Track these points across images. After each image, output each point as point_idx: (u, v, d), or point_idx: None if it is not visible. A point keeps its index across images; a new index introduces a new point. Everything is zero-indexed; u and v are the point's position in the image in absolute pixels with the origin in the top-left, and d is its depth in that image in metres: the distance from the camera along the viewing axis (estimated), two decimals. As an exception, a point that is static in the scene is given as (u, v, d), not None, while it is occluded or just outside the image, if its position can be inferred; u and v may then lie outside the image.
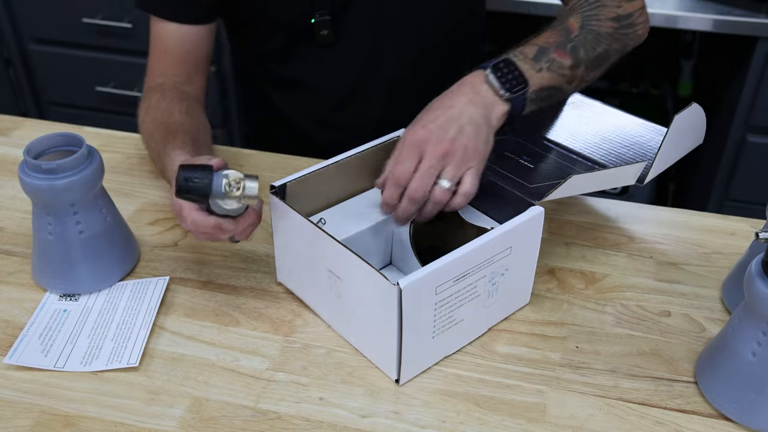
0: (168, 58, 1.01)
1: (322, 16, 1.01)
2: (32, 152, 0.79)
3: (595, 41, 0.87)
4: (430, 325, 0.72)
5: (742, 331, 0.69)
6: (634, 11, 0.92)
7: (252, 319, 0.81)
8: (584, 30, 0.87)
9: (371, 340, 0.75)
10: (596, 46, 0.87)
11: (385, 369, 0.75)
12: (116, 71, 1.96)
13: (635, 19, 0.91)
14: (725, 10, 1.55)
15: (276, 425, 0.70)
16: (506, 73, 0.80)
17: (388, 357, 0.73)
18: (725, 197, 1.74)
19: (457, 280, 0.71)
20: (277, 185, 0.79)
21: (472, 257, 0.72)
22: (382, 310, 0.69)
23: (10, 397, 0.73)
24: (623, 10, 0.91)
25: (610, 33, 0.89)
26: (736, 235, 0.94)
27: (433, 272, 0.69)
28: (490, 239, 0.72)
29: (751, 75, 1.56)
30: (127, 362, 0.75)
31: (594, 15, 0.88)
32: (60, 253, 0.81)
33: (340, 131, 1.10)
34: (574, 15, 0.89)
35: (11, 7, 1.93)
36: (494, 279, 0.76)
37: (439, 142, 0.76)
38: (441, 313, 0.72)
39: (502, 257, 0.75)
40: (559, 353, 0.78)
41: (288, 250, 0.81)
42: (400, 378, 0.74)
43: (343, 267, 0.73)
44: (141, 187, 1.01)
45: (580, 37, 0.86)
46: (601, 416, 0.72)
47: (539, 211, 0.77)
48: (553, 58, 0.84)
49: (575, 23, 0.87)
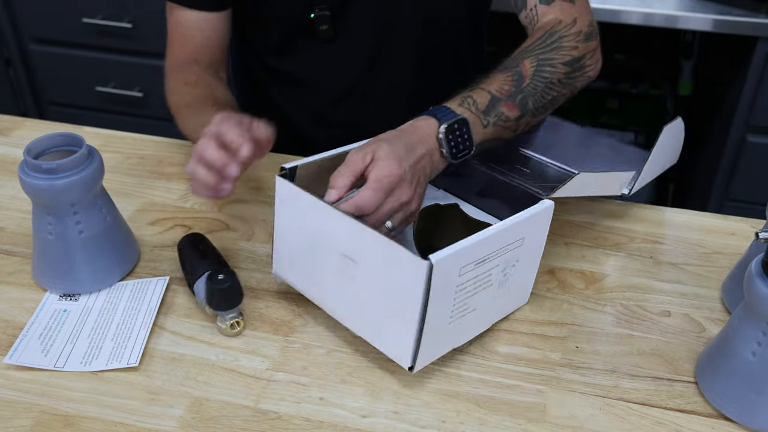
0: (189, 45, 1.03)
1: (322, 11, 1.01)
2: (32, 152, 0.79)
3: (546, 89, 0.86)
4: (449, 309, 0.72)
5: (742, 331, 0.69)
6: (587, 53, 0.90)
7: (252, 319, 0.81)
8: (536, 77, 0.85)
9: (386, 327, 0.73)
10: (545, 95, 0.86)
11: (399, 357, 0.73)
12: (116, 71, 1.96)
13: (585, 61, 0.90)
14: (725, 10, 1.55)
15: (276, 425, 0.70)
16: (458, 136, 0.79)
17: (404, 343, 0.71)
18: (725, 197, 1.74)
19: (478, 264, 0.71)
20: (288, 167, 0.78)
21: (494, 241, 0.72)
22: (407, 289, 0.68)
23: (10, 397, 0.73)
24: (578, 52, 0.89)
25: (561, 79, 0.87)
26: (736, 235, 0.94)
27: (461, 250, 0.68)
28: (508, 225, 0.73)
29: (751, 75, 1.56)
30: (127, 362, 0.75)
31: (548, 59, 0.87)
32: (60, 253, 0.81)
33: (338, 129, 1.10)
34: (529, 56, 0.87)
35: (11, 7, 1.93)
36: (506, 269, 0.76)
37: (408, 187, 0.75)
38: (459, 297, 0.72)
39: (515, 247, 0.75)
40: (559, 353, 0.78)
41: (290, 237, 0.79)
42: (415, 365, 0.72)
43: (359, 248, 0.72)
44: (141, 187, 1.01)
45: (531, 85, 0.85)
46: (601, 416, 0.72)
47: (549, 204, 0.77)
48: (502, 112, 0.82)
49: (529, 68, 0.85)
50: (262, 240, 0.92)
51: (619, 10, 1.58)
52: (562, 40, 0.89)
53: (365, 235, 0.70)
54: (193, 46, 1.03)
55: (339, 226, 0.72)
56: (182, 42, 1.04)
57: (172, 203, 0.99)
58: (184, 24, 1.03)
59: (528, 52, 0.88)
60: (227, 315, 0.78)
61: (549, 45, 0.88)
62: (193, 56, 1.03)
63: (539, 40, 0.89)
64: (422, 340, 0.70)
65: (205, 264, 0.81)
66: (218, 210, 0.97)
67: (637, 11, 1.58)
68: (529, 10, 0.95)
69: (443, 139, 0.78)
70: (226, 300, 0.77)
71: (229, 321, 0.78)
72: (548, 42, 0.88)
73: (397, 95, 1.09)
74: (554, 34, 0.89)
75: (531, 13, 0.95)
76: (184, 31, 1.03)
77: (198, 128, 0.83)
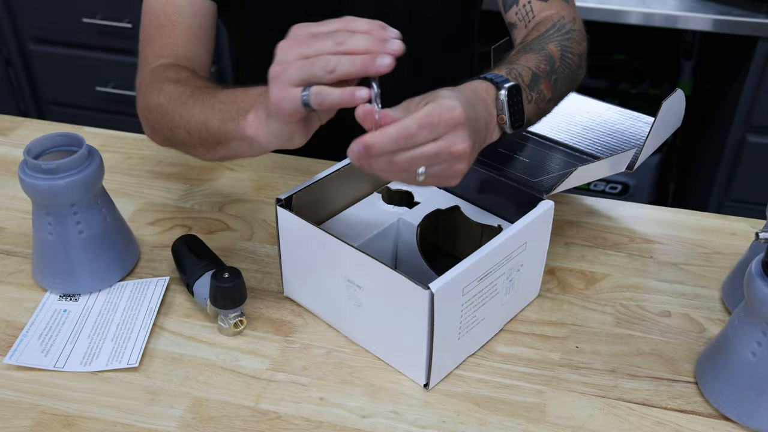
0: (177, 32, 0.91)
1: (318, 15, 1.00)
2: (32, 152, 0.79)
3: (566, 78, 0.82)
4: (457, 326, 0.72)
5: (742, 331, 0.69)
6: (584, 52, 0.88)
7: (252, 319, 0.81)
8: (563, 63, 0.82)
9: (397, 348, 0.74)
10: (565, 84, 0.82)
11: (413, 375, 0.74)
12: (116, 71, 1.96)
13: (583, 62, 0.87)
14: (725, 10, 1.55)
15: (276, 425, 0.70)
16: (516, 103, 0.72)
17: (416, 363, 0.72)
18: (725, 197, 1.74)
19: (481, 279, 0.71)
20: (283, 198, 0.76)
21: (494, 255, 0.71)
22: (411, 315, 0.68)
23: (10, 397, 0.73)
24: (583, 49, 0.87)
25: (575, 71, 0.84)
26: (736, 235, 0.94)
27: (461, 273, 0.68)
28: (509, 236, 0.72)
29: (751, 75, 1.57)
30: (127, 362, 0.75)
31: (568, 48, 0.83)
32: (60, 253, 0.81)
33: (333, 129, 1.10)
34: (551, 42, 0.83)
35: (11, 7, 1.93)
36: (511, 275, 0.76)
37: (464, 139, 0.64)
38: (466, 313, 0.72)
39: (519, 253, 0.75)
40: (559, 353, 0.78)
41: (298, 262, 0.80)
42: (430, 382, 0.73)
43: (363, 275, 0.72)
44: (141, 187, 1.01)
45: (560, 68, 0.80)
46: (601, 416, 0.72)
47: (550, 204, 0.77)
48: (542, 90, 0.78)
49: (556, 52, 0.80)
50: (262, 240, 0.92)
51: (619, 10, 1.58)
52: (573, 34, 0.86)
53: (367, 262, 0.69)
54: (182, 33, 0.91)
55: (342, 253, 0.72)
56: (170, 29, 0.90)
57: (172, 203, 0.99)
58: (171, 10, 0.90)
59: (547, 39, 0.84)
60: (230, 314, 0.78)
61: (564, 35, 0.85)
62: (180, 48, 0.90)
63: (553, 29, 0.85)
64: (433, 359, 0.71)
65: (204, 264, 0.81)
66: (218, 210, 0.97)
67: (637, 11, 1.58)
68: (522, 6, 0.91)
69: (505, 102, 0.71)
70: (231, 298, 0.77)
71: (232, 320, 0.78)
72: (562, 32, 0.85)
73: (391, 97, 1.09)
74: (564, 27, 0.86)
75: (524, 9, 0.91)
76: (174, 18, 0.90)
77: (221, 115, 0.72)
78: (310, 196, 0.79)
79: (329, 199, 0.83)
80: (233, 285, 0.76)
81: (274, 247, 0.91)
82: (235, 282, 0.76)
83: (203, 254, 0.83)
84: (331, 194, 0.83)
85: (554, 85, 0.80)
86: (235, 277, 0.76)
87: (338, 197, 0.84)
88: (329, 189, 0.82)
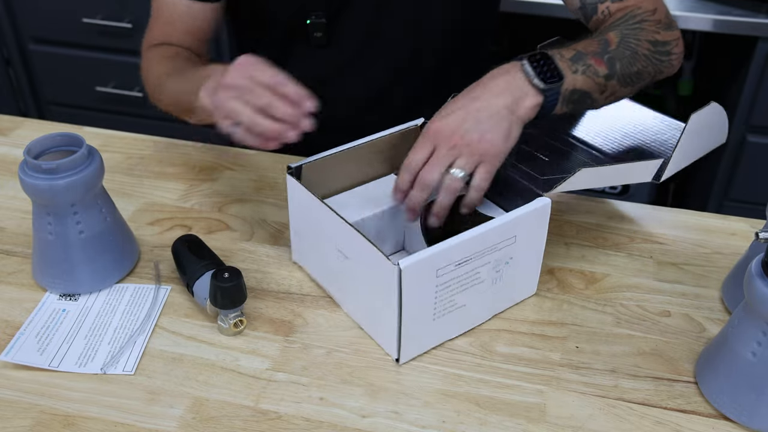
0: (172, 29, 1.02)
1: (318, 18, 1.01)
2: (32, 152, 0.79)
3: (632, 58, 0.85)
4: (431, 307, 0.74)
5: (742, 331, 0.69)
6: (672, 40, 0.89)
7: (252, 319, 0.81)
8: (622, 45, 0.85)
9: (375, 319, 0.78)
10: (632, 64, 0.85)
11: (387, 347, 0.77)
12: (116, 71, 1.96)
13: (672, 48, 0.89)
14: (725, 10, 1.55)
15: (276, 425, 0.70)
16: (542, 64, 0.79)
17: (389, 336, 0.75)
18: (725, 197, 1.74)
19: (459, 264, 0.73)
20: (293, 166, 0.81)
21: (473, 243, 0.73)
22: (384, 289, 0.71)
23: (10, 397, 0.73)
24: (661, 37, 0.88)
25: (647, 54, 0.86)
26: (736, 235, 0.94)
27: (433, 255, 0.71)
28: (492, 227, 0.74)
29: (751, 75, 1.56)
30: (123, 369, 0.75)
31: (633, 34, 0.86)
32: (60, 253, 0.81)
33: (332, 134, 1.10)
34: (612, 30, 0.87)
35: (11, 7, 1.93)
36: (498, 267, 0.77)
37: (452, 134, 0.77)
38: (442, 296, 0.74)
39: (506, 245, 0.76)
40: (559, 353, 0.78)
41: (302, 229, 0.84)
42: (400, 357, 0.76)
43: (350, 246, 0.75)
44: (141, 187, 1.01)
45: (618, 51, 0.84)
46: (601, 416, 0.72)
47: (546, 202, 0.78)
48: (590, 63, 0.82)
49: (614, 37, 0.85)
50: (262, 240, 0.92)
51: (619, 10, 1.58)
52: (644, 24, 0.88)
53: (352, 235, 0.73)
54: (177, 30, 1.01)
55: (333, 223, 0.76)
56: (167, 25, 1.02)
57: (172, 203, 0.99)
58: (171, 9, 1.01)
59: (609, 28, 0.87)
60: (230, 314, 0.78)
61: (630, 24, 0.88)
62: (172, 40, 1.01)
63: (620, 20, 0.88)
64: (402, 336, 0.73)
65: (204, 264, 0.81)
66: (218, 210, 0.97)
67: (637, 11, 1.57)
68: (600, 12, 0.93)
69: (527, 65, 0.79)
70: (231, 298, 0.77)
71: (232, 320, 0.78)
72: (630, 22, 0.88)
73: (387, 102, 1.08)
74: (635, 17, 0.88)
75: (602, 15, 0.93)
76: (172, 16, 1.01)
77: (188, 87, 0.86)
78: (321, 168, 0.83)
79: (342, 175, 0.86)
80: (233, 285, 0.76)
81: (274, 247, 0.91)
82: (235, 282, 0.76)
83: (203, 254, 0.83)
84: (344, 170, 0.86)
85: (609, 63, 0.83)
86: (235, 277, 0.77)
87: (352, 174, 0.87)
88: (342, 164, 0.85)
